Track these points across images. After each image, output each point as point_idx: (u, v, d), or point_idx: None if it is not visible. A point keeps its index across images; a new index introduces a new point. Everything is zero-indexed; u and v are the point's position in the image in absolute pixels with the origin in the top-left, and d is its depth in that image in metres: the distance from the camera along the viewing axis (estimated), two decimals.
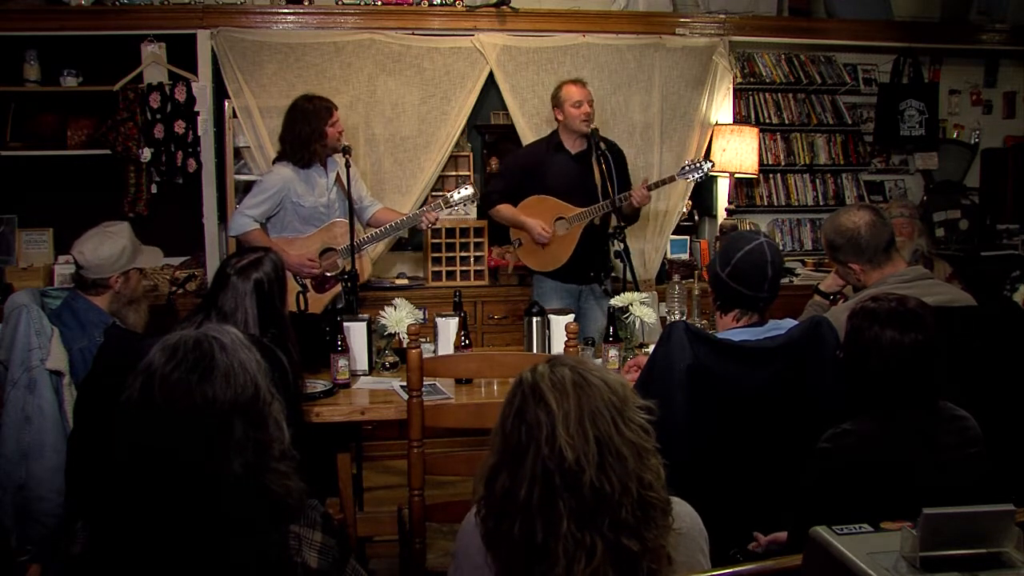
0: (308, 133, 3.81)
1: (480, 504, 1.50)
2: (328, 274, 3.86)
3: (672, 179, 4.19)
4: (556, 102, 4.12)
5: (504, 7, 4.68)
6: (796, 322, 2.37)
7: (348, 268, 3.67)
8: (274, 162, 3.98)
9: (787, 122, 5.34)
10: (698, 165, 4.12)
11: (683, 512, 1.58)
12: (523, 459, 1.43)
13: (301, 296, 3.38)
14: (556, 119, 4.15)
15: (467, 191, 3.96)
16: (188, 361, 1.44)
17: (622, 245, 3.82)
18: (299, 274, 3.83)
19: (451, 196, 3.96)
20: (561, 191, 4.09)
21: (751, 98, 5.29)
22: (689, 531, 1.58)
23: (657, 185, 4.13)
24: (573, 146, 4.12)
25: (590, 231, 4.07)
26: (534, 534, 1.40)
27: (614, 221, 4.05)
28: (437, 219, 3.99)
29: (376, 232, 3.99)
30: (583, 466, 1.40)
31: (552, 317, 3.26)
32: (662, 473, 1.47)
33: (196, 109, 4.50)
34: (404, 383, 2.65)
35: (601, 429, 1.42)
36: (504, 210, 4.17)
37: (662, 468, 1.48)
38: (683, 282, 3.79)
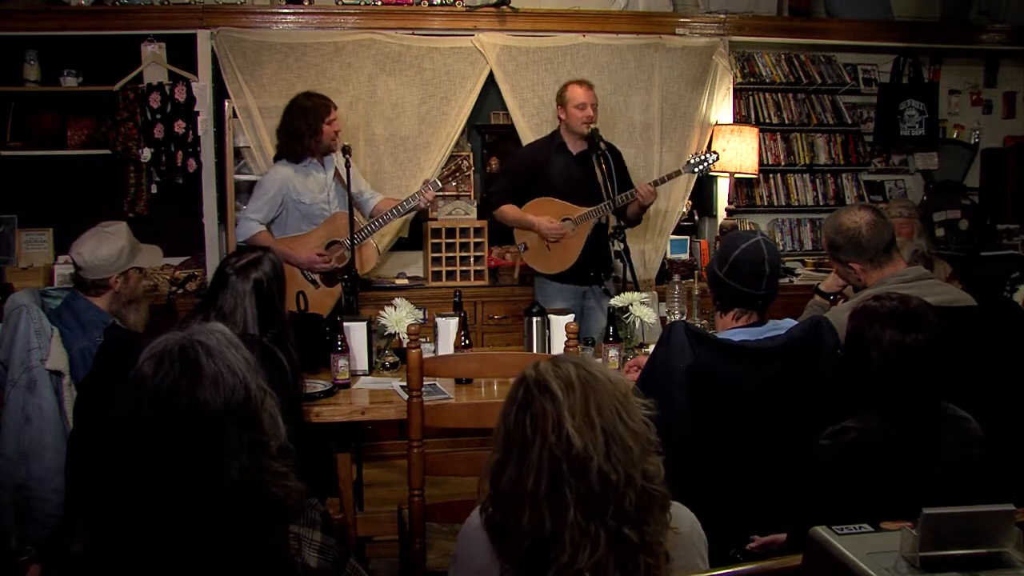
0: (303, 128, 3.84)
1: (486, 502, 1.50)
2: (339, 267, 3.87)
3: (678, 173, 4.21)
4: (560, 100, 4.10)
5: (504, 7, 4.68)
6: (796, 322, 2.37)
7: (350, 262, 3.69)
8: (273, 161, 4.01)
9: (787, 122, 5.34)
10: (703, 158, 4.15)
11: (682, 516, 1.58)
12: (529, 450, 1.43)
13: (301, 296, 3.38)
14: (559, 118, 4.14)
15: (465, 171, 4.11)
16: (175, 370, 1.42)
17: (622, 245, 3.81)
18: (311, 270, 3.84)
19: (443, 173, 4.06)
20: (564, 192, 4.08)
21: (751, 98, 5.29)
22: (688, 534, 1.58)
23: (662, 180, 4.15)
24: (575, 146, 4.11)
25: (593, 231, 4.07)
26: (542, 524, 1.41)
27: (614, 221, 4.05)
28: (433, 197, 4.02)
29: (377, 220, 3.99)
30: (591, 453, 1.40)
31: (552, 317, 3.26)
32: (662, 469, 1.48)
33: (196, 109, 4.50)
34: (404, 383, 2.65)
35: (607, 420, 1.43)
36: (508, 211, 4.13)
37: (662, 465, 1.48)
38: (683, 282, 3.79)
